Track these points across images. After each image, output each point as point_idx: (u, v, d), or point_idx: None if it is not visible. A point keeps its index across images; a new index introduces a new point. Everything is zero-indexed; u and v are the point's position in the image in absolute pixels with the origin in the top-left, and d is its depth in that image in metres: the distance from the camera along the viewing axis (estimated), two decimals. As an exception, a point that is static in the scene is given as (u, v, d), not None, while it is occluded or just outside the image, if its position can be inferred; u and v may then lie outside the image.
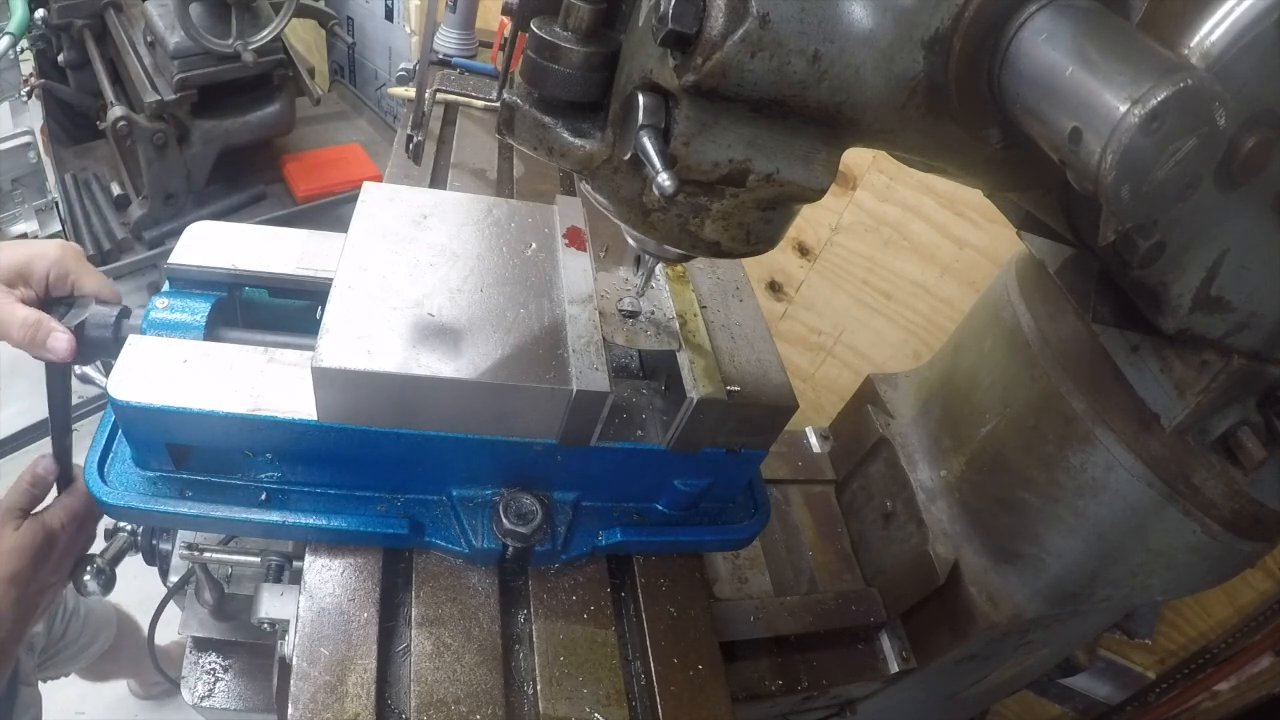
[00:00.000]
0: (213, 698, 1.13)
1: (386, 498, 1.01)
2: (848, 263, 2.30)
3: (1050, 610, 1.30)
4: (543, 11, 0.73)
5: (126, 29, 2.88)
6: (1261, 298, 0.94)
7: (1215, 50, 0.73)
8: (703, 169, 0.68)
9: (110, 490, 0.92)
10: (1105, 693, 2.30)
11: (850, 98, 0.63)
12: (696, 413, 0.97)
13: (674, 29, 0.59)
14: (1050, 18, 0.61)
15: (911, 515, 1.39)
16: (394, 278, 0.97)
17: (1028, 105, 0.62)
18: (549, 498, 1.04)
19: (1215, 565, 1.19)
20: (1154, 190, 0.57)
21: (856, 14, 0.60)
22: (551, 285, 1.03)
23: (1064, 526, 1.20)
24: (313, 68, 3.56)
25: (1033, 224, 1.03)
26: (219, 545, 1.06)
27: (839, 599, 1.41)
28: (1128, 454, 1.09)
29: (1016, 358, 1.23)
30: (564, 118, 0.74)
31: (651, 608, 1.06)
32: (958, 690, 1.59)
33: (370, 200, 1.07)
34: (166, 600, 1.16)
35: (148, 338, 0.95)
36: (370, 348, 0.88)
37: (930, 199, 2.06)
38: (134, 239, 2.99)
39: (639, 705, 0.99)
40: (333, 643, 0.91)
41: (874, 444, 1.50)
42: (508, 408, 0.93)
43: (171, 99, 2.70)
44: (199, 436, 0.92)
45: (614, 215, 0.79)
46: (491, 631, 0.96)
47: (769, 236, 0.77)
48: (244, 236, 1.08)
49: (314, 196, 3.35)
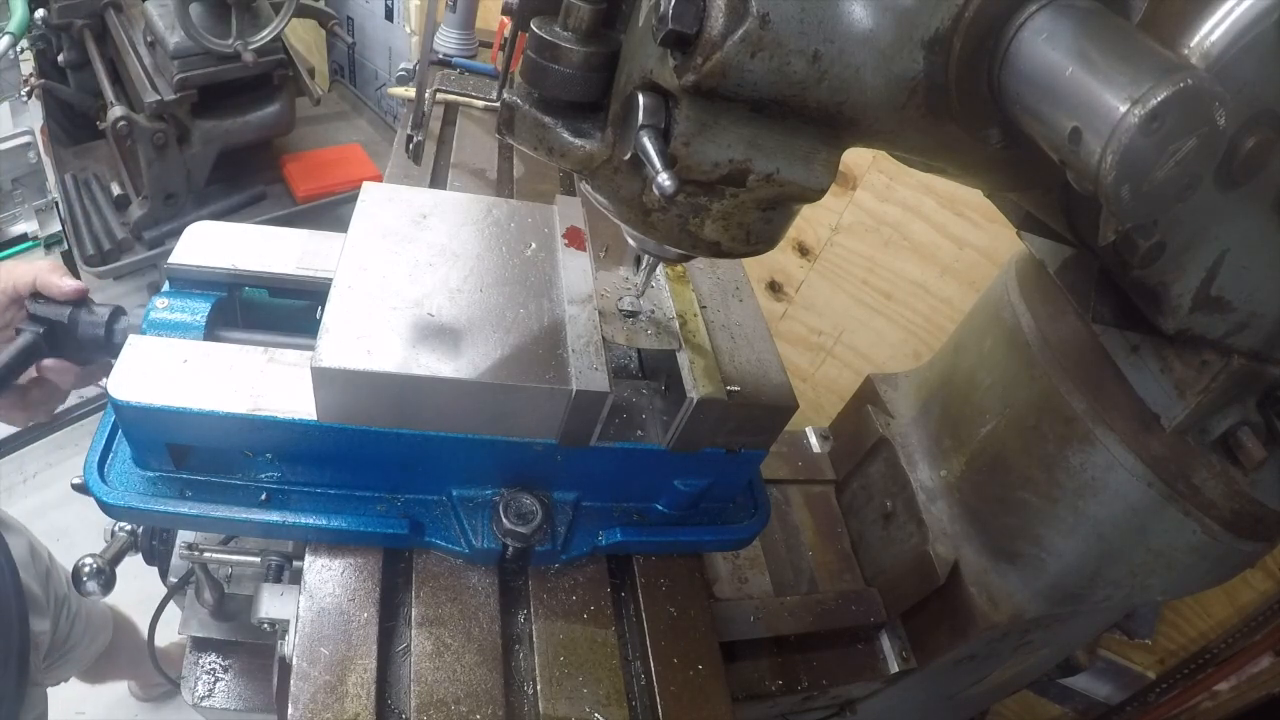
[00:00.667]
0: (213, 698, 1.13)
1: (386, 498, 1.01)
2: (848, 263, 2.30)
3: (1050, 610, 1.30)
4: (543, 11, 0.73)
5: (126, 29, 2.88)
6: (1261, 298, 0.94)
7: (1215, 50, 0.73)
8: (703, 169, 0.68)
9: (110, 490, 0.92)
10: (1105, 693, 2.30)
11: (850, 98, 0.63)
12: (696, 413, 0.97)
13: (674, 29, 0.59)
14: (1050, 18, 0.61)
15: (911, 515, 1.39)
16: (394, 278, 0.97)
17: (1028, 105, 0.62)
18: (549, 498, 1.04)
19: (1215, 565, 1.19)
20: (1154, 190, 0.57)
21: (856, 14, 0.60)
22: (551, 285, 1.03)
23: (1064, 526, 1.20)
24: (313, 68, 3.55)
25: (1033, 224, 1.03)
26: (219, 545, 1.06)
27: (839, 599, 1.41)
28: (1128, 454, 1.09)
29: (1016, 358, 1.23)
30: (564, 118, 0.74)
31: (651, 608, 1.06)
32: (958, 690, 1.59)
33: (370, 200, 1.07)
34: (166, 600, 1.16)
35: (148, 338, 0.95)
36: (370, 348, 0.88)
37: (930, 199, 2.05)
38: (134, 239, 2.98)
39: (639, 705, 0.99)
40: (333, 643, 0.91)
41: (874, 444, 1.50)
42: (507, 408, 0.93)
43: (171, 99, 2.69)
44: (199, 436, 0.92)
45: (614, 215, 0.79)
46: (491, 631, 0.96)
47: (769, 236, 0.77)
48: (244, 236, 1.08)
49: (314, 196, 3.34)
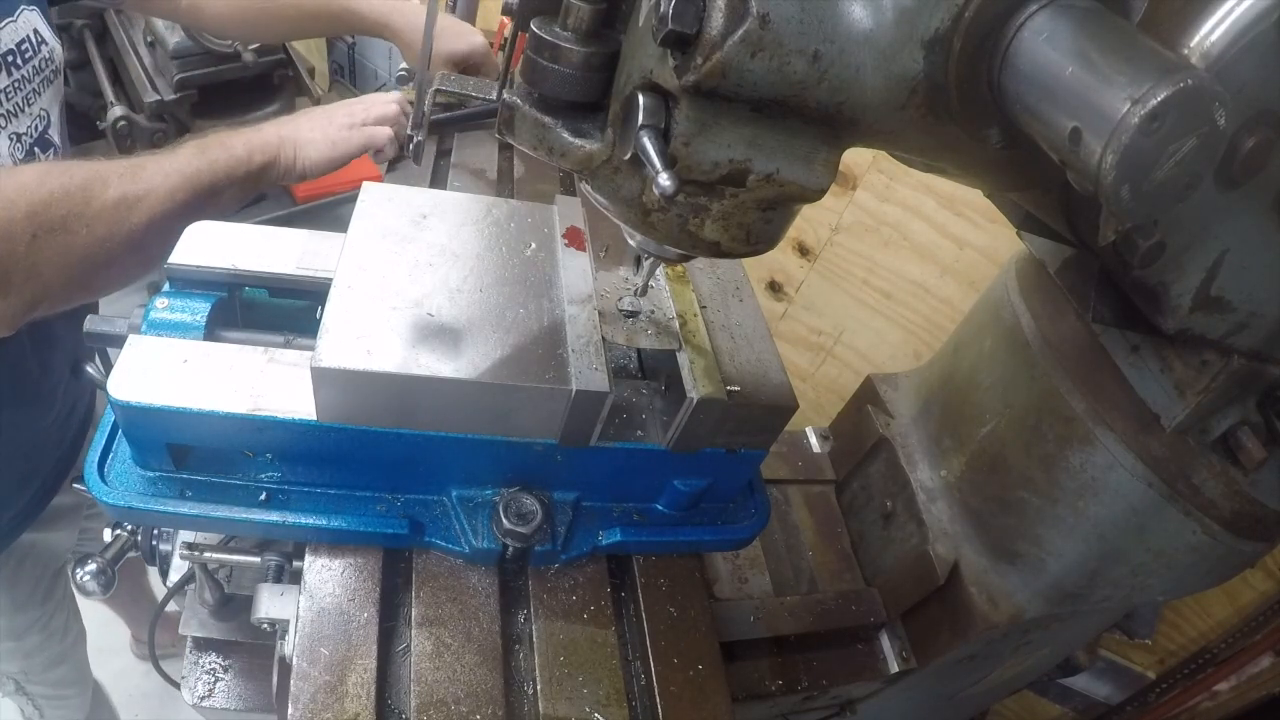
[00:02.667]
0: (213, 698, 1.13)
1: (386, 498, 1.00)
2: (848, 263, 2.30)
3: (1050, 610, 1.30)
4: (543, 11, 0.73)
5: (126, 29, 2.88)
6: (1261, 298, 0.94)
7: (1215, 50, 0.73)
8: (703, 169, 0.68)
9: (110, 490, 0.92)
10: (1105, 693, 2.30)
11: (850, 98, 0.63)
12: (696, 413, 0.96)
13: (674, 29, 0.59)
14: (1050, 18, 0.61)
15: (911, 515, 1.39)
16: (393, 278, 0.97)
17: (1028, 105, 0.62)
18: (549, 498, 1.04)
19: (1215, 565, 1.19)
20: (1154, 190, 0.57)
21: (856, 14, 0.60)
22: (551, 285, 1.03)
23: (1064, 526, 1.20)
24: (313, 68, 3.55)
25: (1033, 224, 1.03)
26: (219, 545, 1.06)
27: (839, 599, 1.41)
28: (1128, 454, 1.09)
29: (1016, 358, 1.23)
30: (564, 118, 0.74)
31: (651, 608, 1.06)
32: (958, 690, 1.59)
33: (370, 200, 1.07)
34: (166, 600, 1.16)
35: (148, 338, 0.95)
36: (370, 348, 0.88)
37: (930, 199, 2.05)
38: (134, 239, 2.98)
39: (639, 705, 0.99)
40: (333, 643, 0.90)
41: (874, 444, 1.50)
42: (507, 408, 0.93)
43: (171, 99, 2.70)
44: (199, 436, 0.92)
45: (614, 215, 0.79)
46: (491, 631, 0.96)
47: (769, 236, 0.77)
48: (244, 236, 1.08)
49: (314, 196, 3.34)
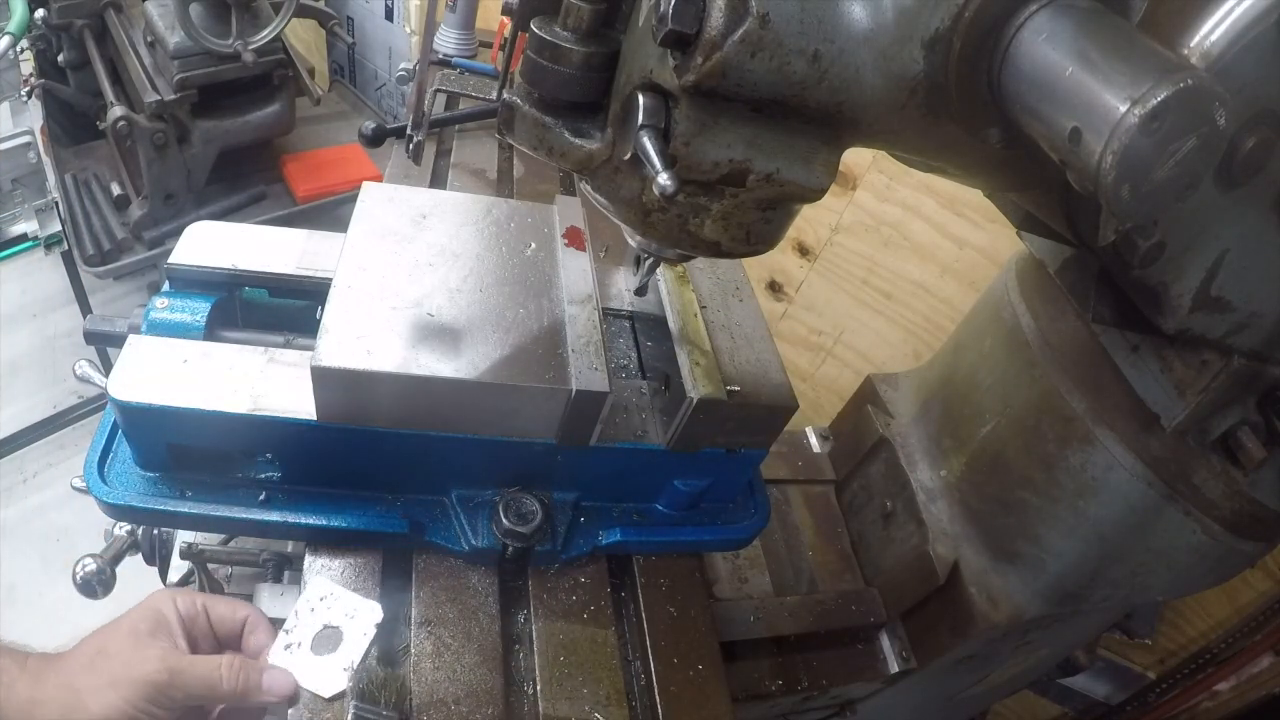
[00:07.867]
0: (213, 698, 1.13)
1: (386, 498, 1.00)
2: (848, 263, 2.30)
3: (1050, 610, 1.30)
4: (543, 11, 0.73)
5: (126, 29, 2.88)
6: (1261, 298, 0.94)
7: (1215, 50, 0.73)
8: (703, 169, 0.68)
9: (110, 490, 0.92)
10: (1105, 693, 2.30)
11: (850, 98, 0.63)
12: (696, 413, 0.96)
13: (674, 29, 0.59)
14: (1050, 18, 0.61)
15: (911, 515, 1.39)
16: (393, 278, 0.97)
17: (1028, 105, 0.62)
18: (549, 498, 1.04)
19: (1215, 565, 1.19)
20: (1154, 190, 0.57)
21: (856, 14, 0.60)
22: (551, 285, 1.03)
23: (1064, 526, 1.20)
24: (313, 68, 3.55)
25: (1033, 224, 1.03)
26: (219, 545, 1.06)
27: (839, 599, 1.41)
28: (1128, 454, 1.09)
29: (1016, 358, 1.23)
30: (564, 118, 0.74)
31: (651, 608, 1.06)
32: (958, 690, 1.59)
33: (370, 200, 1.07)
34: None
35: (148, 338, 0.95)
36: (370, 347, 0.88)
37: (930, 199, 2.05)
38: (134, 239, 2.98)
39: (639, 705, 0.99)
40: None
41: (874, 444, 1.50)
42: (507, 407, 0.93)
43: (171, 99, 2.69)
44: (199, 436, 0.92)
45: (614, 215, 0.79)
46: (491, 631, 0.96)
47: (769, 236, 0.77)
48: (244, 236, 1.08)
49: (314, 196, 3.34)
